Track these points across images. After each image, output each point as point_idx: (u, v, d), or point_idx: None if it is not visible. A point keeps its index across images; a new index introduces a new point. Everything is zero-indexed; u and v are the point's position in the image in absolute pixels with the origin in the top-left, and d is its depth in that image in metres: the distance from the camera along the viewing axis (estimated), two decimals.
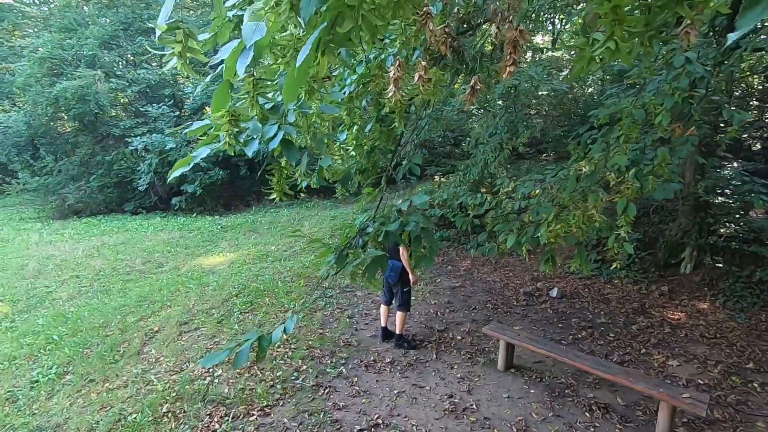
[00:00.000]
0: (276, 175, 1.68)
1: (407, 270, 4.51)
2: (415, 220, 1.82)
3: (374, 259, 1.75)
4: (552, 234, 2.49)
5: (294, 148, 1.48)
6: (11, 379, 4.31)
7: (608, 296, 6.28)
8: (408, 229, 1.81)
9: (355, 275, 1.80)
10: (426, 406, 3.63)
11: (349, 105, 1.97)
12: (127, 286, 6.82)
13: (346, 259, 1.80)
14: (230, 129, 1.35)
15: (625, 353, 4.62)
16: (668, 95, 2.44)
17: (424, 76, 1.36)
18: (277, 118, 1.50)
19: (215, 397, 3.69)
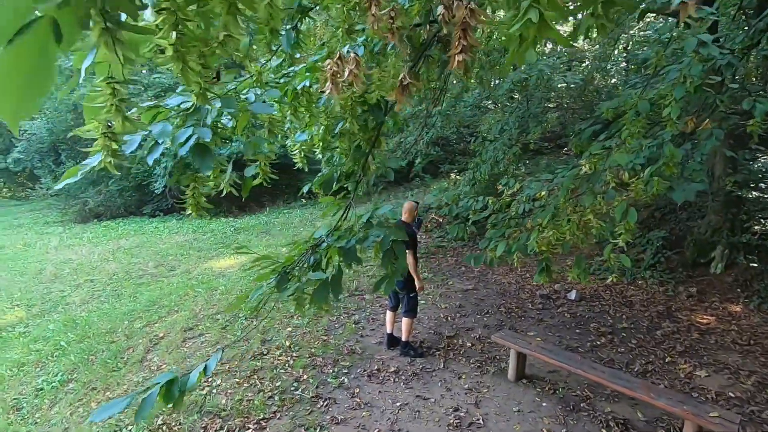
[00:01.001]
0: (190, 186, 1.50)
1: (413, 275, 4.31)
2: (377, 234, 1.62)
3: (323, 282, 1.57)
4: (543, 242, 2.25)
5: (208, 155, 1.30)
6: (18, 386, 4.33)
7: (631, 299, 5.92)
8: (366, 245, 1.62)
9: (299, 301, 1.62)
10: (429, 420, 3.44)
11: (293, 103, 1.78)
12: (139, 290, 6.85)
13: (287, 282, 1.62)
14: (107, 145, 1.10)
15: (647, 362, 4.30)
16: (679, 84, 2.15)
17: (354, 70, 1.17)
18: (196, 119, 1.34)
19: (212, 409, 3.60)
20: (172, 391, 1.35)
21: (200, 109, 1.36)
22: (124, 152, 1.19)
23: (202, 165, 1.27)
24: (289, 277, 1.63)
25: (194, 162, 1.29)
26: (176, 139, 1.28)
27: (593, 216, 2.17)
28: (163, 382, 1.35)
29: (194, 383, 1.41)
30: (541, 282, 2.50)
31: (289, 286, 1.60)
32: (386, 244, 1.60)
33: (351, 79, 1.20)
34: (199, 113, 1.36)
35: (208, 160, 1.28)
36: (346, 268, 1.68)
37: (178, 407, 1.41)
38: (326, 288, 1.59)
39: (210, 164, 1.29)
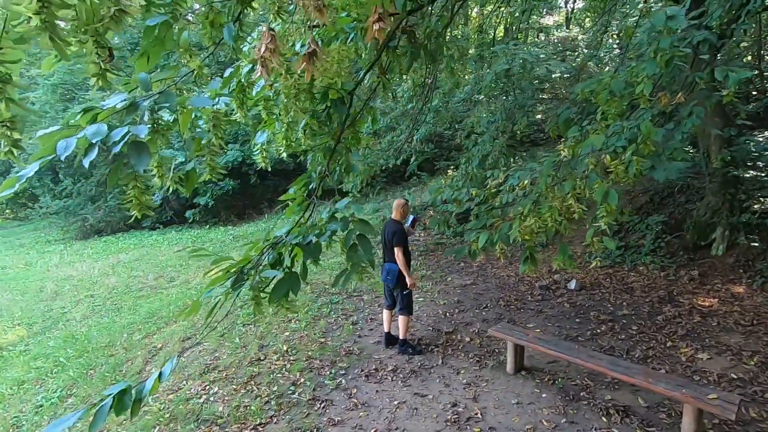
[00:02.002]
0: (131, 185, 1.47)
1: (403, 272, 4.28)
2: (335, 226, 1.59)
3: (281, 279, 1.54)
4: (525, 231, 2.21)
5: (145, 152, 1.28)
6: (18, 404, 4.33)
7: (632, 285, 5.86)
8: (324, 239, 1.59)
9: (257, 300, 1.59)
10: (427, 417, 3.40)
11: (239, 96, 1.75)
12: (138, 303, 6.85)
13: (244, 281, 1.59)
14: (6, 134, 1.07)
15: (648, 347, 4.24)
16: (650, 60, 2.11)
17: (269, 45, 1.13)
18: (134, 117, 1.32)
19: (209, 416, 3.58)
20: (124, 401, 1.32)
21: (137, 106, 1.34)
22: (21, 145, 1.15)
23: (139, 162, 1.26)
24: (246, 276, 1.59)
25: (131, 159, 1.27)
26: (110, 139, 1.25)
27: (574, 201, 2.13)
28: (114, 393, 1.32)
29: (149, 390, 1.39)
30: (526, 272, 2.45)
31: (244, 286, 1.56)
32: (350, 239, 1.57)
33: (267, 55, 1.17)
34: (137, 111, 1.34)
35: (144, 158, 1.26)
36: (309, 265, 1.65)
37: (134, 415, 1.38)
38: (285, 285, 1.56)
39: (146, 161, 1.27)
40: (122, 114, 1.37)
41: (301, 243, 1.60)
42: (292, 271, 1.60)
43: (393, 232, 4.27)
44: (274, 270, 1.58)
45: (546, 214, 2.15)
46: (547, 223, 2.14)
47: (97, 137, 1.23)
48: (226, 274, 1.57)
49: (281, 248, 1.64)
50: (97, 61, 1.06)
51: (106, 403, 1.31)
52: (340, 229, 1.59)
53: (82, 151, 1.27)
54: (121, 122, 1.36)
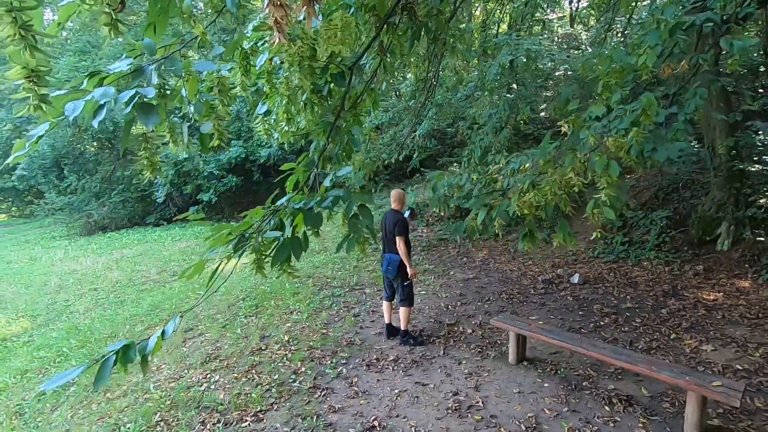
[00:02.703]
0: (142, 147, 1.48)
1: (405, 262, 4.27)
2: (336, 193, 1.58)
3: (283, 242, 1.53)
4: (524, 204, 2.18)
5: (153, 112, 1.28)
6: (21, 392, 4.35)
7: (636, 279, 5.82)
8: (325, 205, 1.58)
9: (259, 263, 1.58)
10: (428, 405, 3.38)
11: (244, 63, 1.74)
12: (141, 296, 6.87)
13: (246, 243, 1.58)
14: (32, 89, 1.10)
15: (652, 339, 4.20)
16: (652, 29, 2.08)
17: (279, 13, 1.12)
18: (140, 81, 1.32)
19: (210, 404, 3.57)
20: (128, 354, 1.33)
21: (143, 71, 1.34)
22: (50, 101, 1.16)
23: (147, 121, 1.26)
24: (247, 240, 1.59)
25: (139, 119, 1.28)
26: (119, 101, 1.26)
27: (574, 174, 2.10)
28: (118, 348, 1.32)
29: (152, 349, 1.39)
30: (525, 248, 2.43)
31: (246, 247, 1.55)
32: (350, 209, 1.56)
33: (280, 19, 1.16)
34: (143, 75, 1.34)
35: (152, 117, 1.27)
36: (309, 232, 1.64)
37: (144, 372, 1.39)
38: (286, 248, 1.55)
39: (155, 119, 1.28)
40: (128, 79, 1.38)
41: (302, 209, 1.59)
42: (294, 235, 1.59)
43: (394, 222, 4.23)
44: (275, 231, 1.57)
45: (545, 188, 2.12)
46: (547, 196, 2.11)
47: (105, 98, 1.23)
48: (227, 236, 1.56)
49: (282, 214, 1.62)
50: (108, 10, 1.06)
51: (110, 358, 1.31)
52: (342, 199, 1.57)
53: (90, 114, 1.27)
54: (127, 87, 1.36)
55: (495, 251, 7.53)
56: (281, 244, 1.54)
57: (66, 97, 1.28)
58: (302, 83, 1.51)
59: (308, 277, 6.59)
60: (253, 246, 1.53)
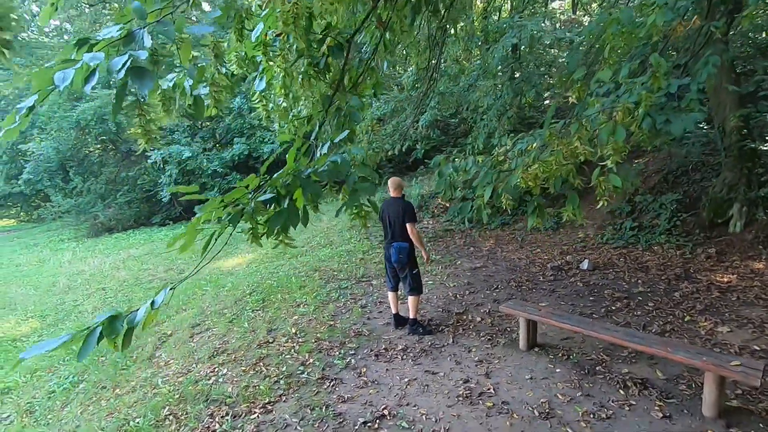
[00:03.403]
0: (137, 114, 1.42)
1: (418, 248, 4.23)
2: (334, 158, 1.51)
3: (278, 211, 1.47)
4: (529, 176, 2.11)
5: (147, 76, 1.23)
6: (32, 390, 4.35)
7: (647, 264, 5.72)
8: (321, 171, 1.51)
9: (254, 232, 1.53)
10: (438, 393, 3.33)
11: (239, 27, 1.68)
12: (149, 295, 6.85)
13: (241, 214, 1.52)
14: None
15: (666, 322, 4.12)
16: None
17: None
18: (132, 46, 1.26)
19: (218, 397, 3.55)
20: (115, 326, 1.28)
21: (134, 36, 1.29)
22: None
23: (142, 86, 1.21)
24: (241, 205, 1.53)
25: (133, 83, 1.22)
26: (112, 67, 1.20)
27: (579, 142, 2.03)
28: (104, 318, 1.28)
29: (142, 319, 1.34)
30: (534, 225, 2.35)
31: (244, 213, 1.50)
32: (350, 182, 1.49)
33: None
34: (134, 40, 1.29)
35: (147, 81, 1.22)
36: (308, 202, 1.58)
37: (125, 346, 1.34)
38: (282, 216, 1.50)
39: (149, 84, 1.22)
40: (119, 46, 1.32)
41: (298, 176, 1.53)
42: (291, 203, 1.53)
43: (402, 209, 4.16)
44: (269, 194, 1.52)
45: (551, 158, 2.05)
46: (552, 167, 2.04)
47: (95, 61, 1.18)
48: (219, 204, 1.50)
49: (277, 182, 1.55)
50: None
51: (96, 330, 1.26)
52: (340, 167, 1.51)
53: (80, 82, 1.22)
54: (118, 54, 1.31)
55: (502, 240, 7.45)
56: (276, 211, 1.48)
57: (54, 68, 1.23)
58: (297, 43, 1.45)
59: (314, 271, 6.55)
60: (248, 213, 1.47)
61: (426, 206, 9.56)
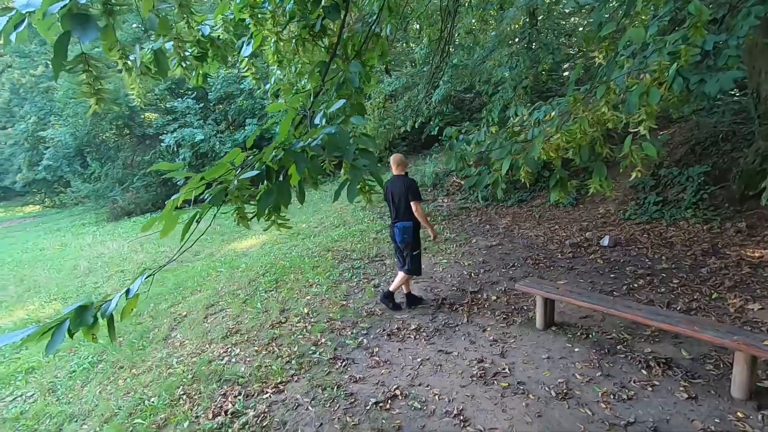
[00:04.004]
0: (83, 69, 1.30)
1: (424, 227, 4.10)
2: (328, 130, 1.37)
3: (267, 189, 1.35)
4: (550, 147, 1.94)
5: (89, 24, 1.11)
6: (53, 370, 4.46)
7: (671, 239, 5.47)
8: (314, 143, 1.38)
9: (240, 213, 1.42)
10: (452, 373, 3.25)
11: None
12: (165, 276, 6.96)
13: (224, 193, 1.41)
14: None
15: (692, 300, 3.93)
16: None
17: None
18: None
19: (231, 377, 3.55)
20: (84, 317, 1.20)
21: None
22: None
23: (83, 34, 1.09)
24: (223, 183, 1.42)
25: (74, 32, 1.11)
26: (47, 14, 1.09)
27: (607, 108, 1.84)
28: (72, 309, 1.20)
29: (118, 310, 1.26)
30: (557, 199, 2.18)
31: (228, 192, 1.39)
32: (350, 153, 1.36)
33: None
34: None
35: (89, 30, 1.10)
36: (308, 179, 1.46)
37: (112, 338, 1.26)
38: (272, 194, 1.38)
39: (92, 34, 1.11)
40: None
41: (290, 149, 1.40)
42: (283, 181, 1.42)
43: (406, 187, 4.02)
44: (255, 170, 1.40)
45: (574, 126, 1.87)
46: (576, 136, 1.87)
47: (28, 8, 1.06)
48: (200, 181, 1.39)
49: (266, 156, 1.43)
50: None
51: (66, 322, 1.19)
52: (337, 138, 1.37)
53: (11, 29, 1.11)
54: None
55: (519, 217, 7.25)
56: (266, 189, 1.37)
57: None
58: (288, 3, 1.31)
59: (327, 251, 6.50)
60: (231, 192, 1.37)
61: (441, 184, 9.38)
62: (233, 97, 12.44)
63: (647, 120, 1.82)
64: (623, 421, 2.58)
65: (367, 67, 2.30)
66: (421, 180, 9.55)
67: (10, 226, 16.20)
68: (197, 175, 1.38)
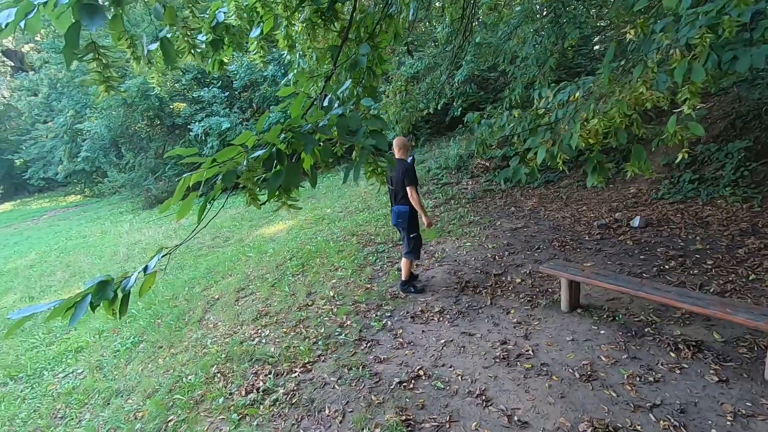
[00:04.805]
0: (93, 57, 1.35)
1: (418, 212, 4.15)
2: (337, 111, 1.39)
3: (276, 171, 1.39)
4: (589, 134, 1.89)
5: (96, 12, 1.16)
6: (100, 349, 4.77)
7: (707, 219, 5.26)
8: (322, 124, 1.40)
9: (251, 193, 1.46)
10: (475, 354, 3.29)
11: None
12: (198, 261, 7.25)
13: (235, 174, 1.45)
14: None
15: (726, 282, 3.80)
16: None
17: None
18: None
19: (262, 356, 3.71)
20: (105, 291, 1.29)
21: None
22: None
23: (90, 22, 1.15)
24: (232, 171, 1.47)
25: (82, 20, 1.17)
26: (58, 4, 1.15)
27: (645, 88, 1.77)
28: (95, 284, 1.29)
29: (135, 285, 1.35)
30: (595, 184, 2.14)
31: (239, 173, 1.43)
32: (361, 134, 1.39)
33: None
34: None
35: (97, 17, 1.16)
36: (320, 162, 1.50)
37: (122, 312, 1.35)
38: (280, 175, 1.43)
39: (99, 21, 1.17)
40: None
41: (297, 130, 1.44)
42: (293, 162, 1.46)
43: (404, 171, 4.04)
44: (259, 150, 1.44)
45: (612, 110, 1.81)
46: (615, 120, 1.81)
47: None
48: (212, 163, 1.45)
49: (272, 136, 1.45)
50: None
51: (88, 296, 1.29)
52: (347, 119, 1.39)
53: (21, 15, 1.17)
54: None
55: (545, 199, 7.11)
56: (275, 171, 1.42)
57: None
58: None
59: (352, 235, 6.59)
60: (240, 173, 1.41)
61: (465, 167, 9.27)
62: (257, 85, 12.59)
63: (691, 98, 1.73)
64: (649, 403, 2.56)
65: (380, 48, 2.29)
66: (445, 163, 9.47)
67: (55, 215, 17.14)
68: (209, 158, 1.43)
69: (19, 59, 27.32)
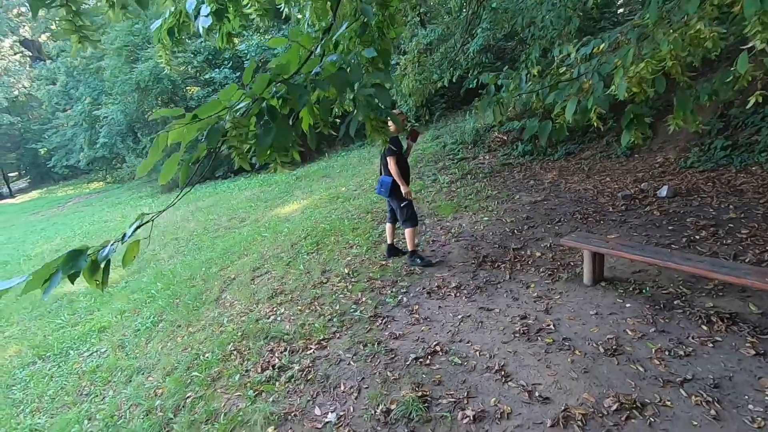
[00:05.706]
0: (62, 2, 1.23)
1: (398, 182, 4.13)
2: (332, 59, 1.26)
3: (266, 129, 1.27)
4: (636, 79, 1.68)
5: None
6: (121, 329, 4.86)
7: (741, 187, 4.96)
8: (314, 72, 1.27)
9: (238, 153, 1.35)
10: (493, 329, 3.19)
11: None
12: (215, 242, 7.30)
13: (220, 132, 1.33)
14: None
15: (763, 251, 3.57)
16: None
17: None
18: None
19: (277, 334, 3.70)
20: (76, 262, 1.21)
21: None
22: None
23: None
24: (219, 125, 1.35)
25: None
26: None
27: (703, 24, 1.55)
28: (64, 255, 1.21)
29: (112, 253, 1.27)
30: (632, 141, 1.93)
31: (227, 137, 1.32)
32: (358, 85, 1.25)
33: None
34: None
35: None
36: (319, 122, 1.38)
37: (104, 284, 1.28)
38: (270, 132, 1.31)
39: None
40: None
41: (289, 82, 1.31)
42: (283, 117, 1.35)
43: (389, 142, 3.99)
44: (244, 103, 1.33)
45: (663, 52, 1.61)
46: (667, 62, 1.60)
47: None
48: (192, 120, 1.34)
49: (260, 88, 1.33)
50: None
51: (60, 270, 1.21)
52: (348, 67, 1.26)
53: None
54: None
55: (566, 171, 6.84)
56: (264, 128, 1.30)
57: None
58: None
59: (367, 213, 6.50)
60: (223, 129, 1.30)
61: (482, 141, 9.00)
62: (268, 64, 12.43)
63: (763, 31, 1.50)
64: (679, 378, 2.43)
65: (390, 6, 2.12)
66: (461, 137, 9.22)
67: (79, 201, 17.58)
68: (188, 115, 1.31)
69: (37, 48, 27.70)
